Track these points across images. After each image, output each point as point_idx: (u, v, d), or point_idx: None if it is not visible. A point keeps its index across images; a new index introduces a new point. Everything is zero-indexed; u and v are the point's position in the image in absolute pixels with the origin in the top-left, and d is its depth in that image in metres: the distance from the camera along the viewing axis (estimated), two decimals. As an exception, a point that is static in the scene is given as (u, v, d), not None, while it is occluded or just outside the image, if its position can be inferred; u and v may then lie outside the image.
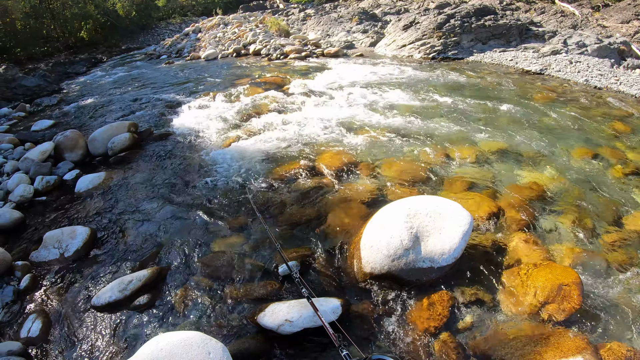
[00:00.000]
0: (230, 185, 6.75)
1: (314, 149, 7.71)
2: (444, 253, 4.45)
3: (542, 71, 13.92)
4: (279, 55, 16.61)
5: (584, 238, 5.55)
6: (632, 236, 5.69)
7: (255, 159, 7.51)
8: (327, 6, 28.38)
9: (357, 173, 6.90)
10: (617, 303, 4.58)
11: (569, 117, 9.61)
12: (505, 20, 16.65)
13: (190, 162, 7.67)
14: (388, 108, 9.80)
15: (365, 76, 12.83)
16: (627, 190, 6.81)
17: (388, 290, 4.48)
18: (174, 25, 33.05)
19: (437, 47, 15.64)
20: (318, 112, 9.50)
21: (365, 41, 18.66)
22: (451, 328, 4.14)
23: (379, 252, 4.52)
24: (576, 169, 7.28)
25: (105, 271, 5.12)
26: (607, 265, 5.11)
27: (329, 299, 4.24)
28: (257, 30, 20.88)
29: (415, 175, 6.74)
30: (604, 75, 13.69)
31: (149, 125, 9.59)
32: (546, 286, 4.51)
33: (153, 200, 6.56)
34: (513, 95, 11.09)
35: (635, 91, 12.62)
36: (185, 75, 14.90)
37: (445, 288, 4.51)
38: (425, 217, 4.68)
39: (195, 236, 5.59)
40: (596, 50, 15.38)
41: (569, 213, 6.01)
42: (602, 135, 8.77)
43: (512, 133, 8.49)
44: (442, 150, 7.63)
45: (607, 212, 6.17)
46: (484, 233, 5.45)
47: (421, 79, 12.51)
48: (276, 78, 12.34)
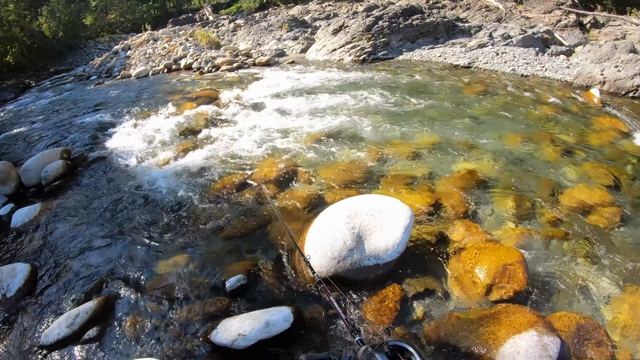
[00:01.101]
0: (170, 205, 6.57)
1: (251, 159, 7.63)
2: (388, 249, 4.46)
3: (470, 65, 14.36)
4: (211, 68, 16.40)
5: (524, 218, 5.75)
6: (568, 211, 5.95)
7: (193, 175, 7.35)
8: (257, 15, 28.39)
9: (295, 179, 6.87)
10: (560, 275, 4.76)
11: (499, 106, 9.92)
12: (432, 19, 17.11)
13: (128, 184, 7.41)
14: (322, 112, 9.84)
15: (297, 83, 12.83)
16: (560, 169, 7.09)
17: (338, 292, 4.42)
18: (103, 44, 32.05)
19: (367, 49, 15.86)
20: (253, 122, 9.42)
21: (296, 48, 18.72)
22: (405, 321, 4.17)
23: (324, 255, 4.50)
24: (510, 154, 7.51)
25: (50, 307, 4.85)
26: (547, 241, 5.31)
27: (279, 308, 4.18)
28: (188, 44, 20.56)
29: (353, 176, 6.78)
30: (530, 63, 14.26)
31: (82, 150, 9.20)
32: (491, 268, 4.61)
33: (93, 228, 6.28)
34: (444, 90, 11.37)
35: (560, 75, 13.21)
36: (117, 96, 14.45)
37: (394, 282, 4.54)
38: (366, 215, 4.68)
39: (139, 260, 5.39)
40: (521, 40, 16.01)
41: (507, 196, 6.20)
42: (532, 120, 9.10)
43: (445, 126, 8.68)
44: (378, 149, 7.71)
45: (543, 192, 6.42)
46: (427, 224, 5.53)
47: (353, 81, 12.64)
48: (209, 92, 12.14)
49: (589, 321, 4.19)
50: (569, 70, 13.66)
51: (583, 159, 7.49)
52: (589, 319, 4.22)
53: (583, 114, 9.88)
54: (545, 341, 3.69)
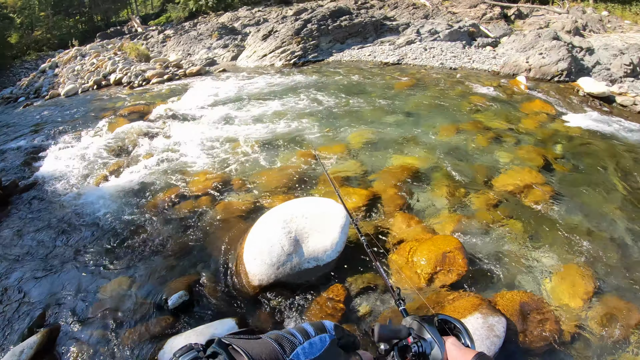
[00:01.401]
0: (107, 226, 6.34)
1: (186, 172, 7.49)
2: (326, 250, 4.48)
3: (399, 61, 14.67)
4: (141, 81, 16.00)
5: (460, 205, 5.93)
6: (502, 194, 6.19)
7: (129, 193, 7.13)
8: (187, 25, 28.03)
9: (231, 189, 6.79)
10: (500, 256, 4.94)
11: (430, 99, 10.16)
12: (361, 19, 17.36)
13: (64, 209, 7.12)
14: (255, 119, 9.80)
15: (229, 91, 12.72)
16: (493, 155, 7.34)
17: (281, 298, 4.43)
18: (30, 63, 30.83)
19: (297, 53, 15.93)
20: (186, 134, 9.25)
21: (226, 56, 18.58)
22: (351, 318, 4.19)
23: (263, 262, 4.46)
24: (443, 144, 7.70)
25: None
26: (484, 225, 5.50)
27: (224, 320, 4.11)
28: (117, 58, 19.97)
29: (289, 180, 6.77)
30: (457, 56, 14.70)
31: (13, 177, 8.79)
32: (431, 257, 4.69)
33: (30, 258, 5.99)
34: (375, 88, 11.55)
35: (488, 66, 13.69)
36: (47, 117, 13.86)
37: (336, 282, 4.55)
38: (302, 219, 4.68)
39: (80, 287, 5.17)
40: (448, 35, 16.50)
41: (442, 186, 6.37)
42: (463, 111, 9.36)
43: (378, 123, 8.82)
44: (312, 151, 7.75)
45: (478, 178, 6.64)
46: (365, 221, 5.56)
47: (285, 85, 12.65)
48: (140, 106, 11.84)
49: (532, 297, 4.34)
50: (495, 61, 14.18)
51: (514, 143, 7.78)
52: (532, 295, 4.37)
53: (511, 100, 10.25)
54: (491, 322, 3.78)
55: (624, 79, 12.91)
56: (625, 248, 5.37)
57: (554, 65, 12.76)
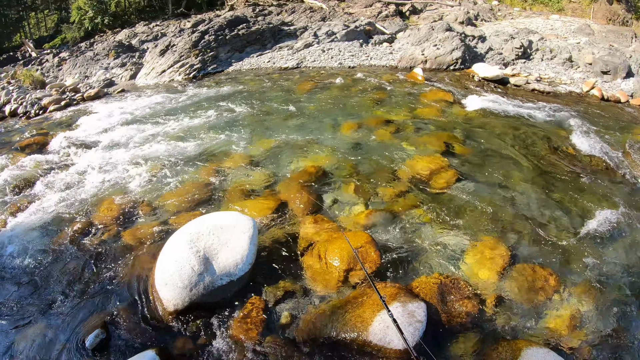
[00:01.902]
0: (13, 272, 5.93)
1: (91, 202, 7.16)
2: (237, 263, 4.48)
3: (298, 65, 14.84)
4: (38, 110, 15.12)
5: (368, 200, 6.08)
6: (408, 183, 6.49)
7: (34, 232, 6.72)
8: (83, 45, 26.80)
9: (137, 214, 6.57)
10: (412, 243, 5.17)
11: (330, 100, 10.35)
12: (258, 26, 17.37)
13: (-39, 258, 6.62)
14: (157, 139, 9.53)
15: (130, 112, 12.27)
16: (395, 147, 7.60)
17: (200, 319, 4.37)
18: None
19: (196, 66, 15.69)
20: (87, 162, 8.84)
21: (124, 75, 17.93)
22: (273, 328, 4.21)
23: (175, 286, 4.38)
24: (346, 142, 7.89)
25: None
26: (393, 216, 5.70)
27: (144, 353, 4.01)
28: (10, 87, 18.72)
29: (195, 198, 6.67)
30: (355, 55, 15.06)
31: None
32: (343, 255, 4.81)
33: None
34: (276, 94, 11.62)
35: (385, 62, 14.14)
36: None
37: (253, 294, 4.56)
38: (208, 235, 4.66)
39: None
40: (345, 35, 16.85)
41: (348, 183, 6.54)
42: (363, 107, 9.62)
43: (280, 129, 8.90)
44: (215, 165, 7.66)
45: (383, 171, 6.87)
46: (274, 229, 5.62)
47: (184, 101, 12.41)
48: (38, 137, 11.20)
49: (449, 278, 4.59)
50: (392, 56, 14.68)
51: (415, 132, 8.10)
52: (449, 276, 4.61)
53: (410, 92, 10.66)
54: (411, 308, 3.94)
55: (516, 61, 13.85)
56: (531, 216, 5.77)
57: (449, 54, 13.39)
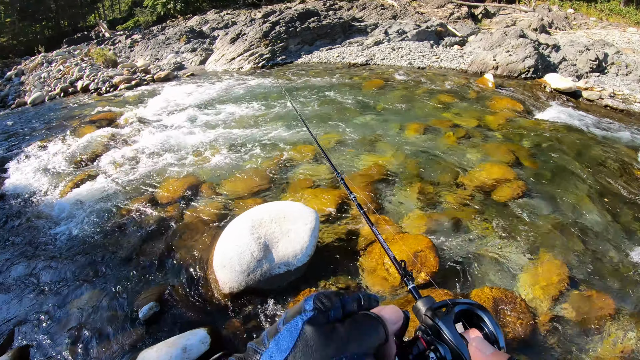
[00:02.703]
0: (75, 238, 6.20)
1: (154, 179, 7.37)
2: (296, 254, 4.46)
3: (368, 62, 14.72)
4: (109, 87, 15.73)
5: (430, 204, 5.96)
6: (472, 192, 6.25)
7: (97, 203, 6.98)
8: (155, 29, 27.65)
9: (200, 195, 6.70)
10: (472, 253, 4.99)
11: (398, 99, 10.21)
12: (329, 20, 17.35)
13: (30, 220, 6.94)
14: (223, 123, 9.71)
15: (197, 95, 12.59)
16: (462, 153, 7.39)
17: (252, 305, 4.39)
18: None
19: (265, 55, 15.85)
20: (154, 140, 9.10)
21: (195, 60, 18.35)
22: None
23: (233, 270, 4.41)
24: (412, 144, 7.73)
25: None
26: (454, 222, 5.52)
27: (195, 331, 4.03)
28: (83, 64, 19.56)
29: (258, 185, 6.74)
30: (426, 55, 14.81)
31: (-24, 190, 8.56)
32: (402, 258, 4.63)
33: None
34: (344, 88, 11.55)
35: (455, 65, 13.81)
36: (12, 127, 13.52)
37: (307, 286, 4.53)
38: (270, 223, 4.65)
39: (49, 302, 5.04)
40: (416, 35, 16.60)
41: (412, 185, 6.39)
42: (431, 109, 9.43)
43: (347, 124, 8.82)
44: (280, 154, 7.71)
45: (447, 176, 6.68)
46: (335, 224, 5.56)
47: (253, 89, 12.57)
48: (108, 113, 11.63)
49: (506, 293, 4.38)
50: (463, 59, 14.34)
51: (483, 140, 7.85)
52: (505, 291, 4.41)
53: (479, 98, 10.37)
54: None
55: (589, 74, 13.20)
56: (594, 240, 5.47)
57: (521, 62, 12.95)
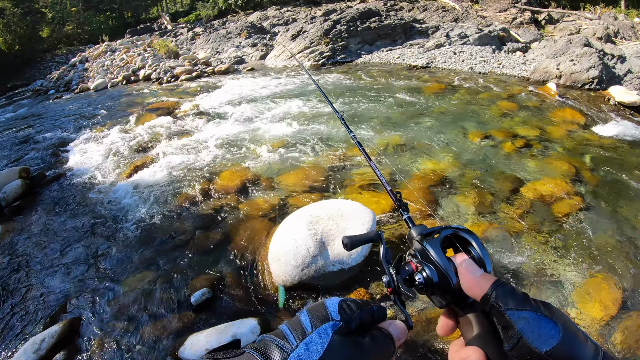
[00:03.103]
0: (132, 221, 6.40)
1: (212, 169, 7.52)
2: (351, 254, 4.44)
3: (428, 64, 14.52)
4: (170, 78, 16.17)
5: (487, 213, 5.80)
6: (529, 203, 6.04)
7: (154, 188, 7.19)
8: (216, 23, 28.21)
9: (257, 188, 6.79)
10: (526, 267, 4.82)
11: (458, 104, 10.04)
12: (390, 21, 17.25)
13: (89, 201, 7.22)
14: (282, 119, 9.79)
15: (257, 90, 12.76)
16: (521, 163, 7.19)
17: (303, 300, 4.40)
18: (60, 57, 31.31)
19: (325, 53, 15.90)
20: (213, 131, 9.30)
21: (255, 54, 18.63)
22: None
23: (287, 264, 4.44)
24: (470, 151, 7.58)
25: (15, 333, 4.66)
26: (510, 233, 5.36)
27: (245, 320, 4.09)
28: (146, 54, 20.23)
29: (314, 181, 6.76)
30: (487, 61, 14.50)
31: (41, 168, 8.93)
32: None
33: (55, 248, 6.08)
34: (403, 91, 11.44)
35: (517, 72, 13.45)
36: (75, 110, 14.09)
37: (360, 286, 4.50)
38: (327, 221, 4.65)
39: (103, 279, 5.23)
40: (477, 39, 16.28)
41: (469, 193, 6.24)
42: (491, 116, 9.22)
43: (406, 126, 8.73)
44: (339, 153, 7.70)
45: (505, 186, 6.49)
46: (390, 226, 5.49)
47: (312, 86, 12.59)
48: (168, 102, 11.95)
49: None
50: (525, 66, 13.95)
51: (543, 151, 7.62)
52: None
53: (541, 108, 10.07)
54: None
55: (656, 88, 12.63)
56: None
57: (585, 72, 12.49)
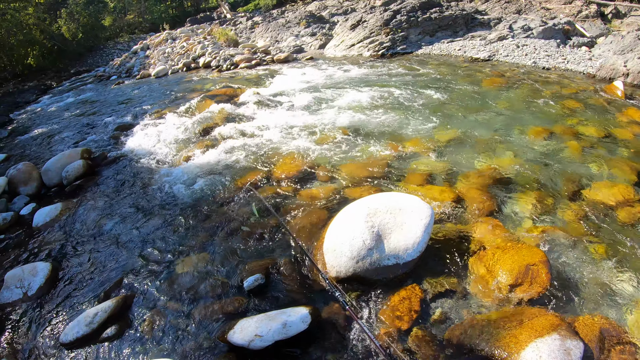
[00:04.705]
0: (188, 203, 6.58)
1: (270, 157, 7.61)
2: (408, 248, 4.39)
3: (490, 57, 14.13)
4: (229, 65, 16.41)
5: (547, 216, 5.59)
6: (592, 208, 5.76)
7: (212, 173, 7.35)
8: (275, 12, 28.39)
9: (314, 177, 6.82)
10: (585, 276, 4.61)
11: (520, 100, 9.75)
12: (451, 11, 16.88)
13: (148, 183, 7.46)
14: (341, 108, 9.78)
15: (316, 79, 12.80)
16: (584, 164, 6.91)
17: (356, 292, 4.41)
18: (122, 44, 32.38)
19: (385, 44, 15.72)
20: (272, 119, 9.39)
21: (314, 44, 18.65)
22: (424, 322, 4.08)
23: (342, 254, 4.44)
24: (532, 149, 7.35)
25: (70, 306, 4.90)
26: (571, 239, 5.14)
27: (297, 308, 4.12)
28: (206, 42, 20.57)
29: (372, 173, 6.71)
30: (551, 55, 13.98)
31: (102, 149, 9.29)
32: (514, 268, 4.48)
33: (113, 227, 6.34)
34: (464, 84, 11.20)
35: (582, 68, 12.91)
36: (137, 95, 14.55)
37: (413, 282, 4.45)
38: (385, 214, 4.61)
39: (157, 259, 5.40)
40: (541, 32, 15.71)
41: (529, 193, 6.05)
42: (555, 114, 8.91)
43: (466, 120, 8.56)
44: (397, 145, 7.61)
45: (567, 188, 6.24)
46: (447, 223, 5.41)
47: (372, 76, 12.54)
48: (228, 89, 12.14)
49: (614, 325, 4.04)
50: (591, 62, 13.36)
51: (607, 154, 7.30)
52: (613, 323, 4.07)
53: (606, 107, 9.65)
54: (568, 345, 3.57)
55: None
56: None
57: (655, 71, 11.90)
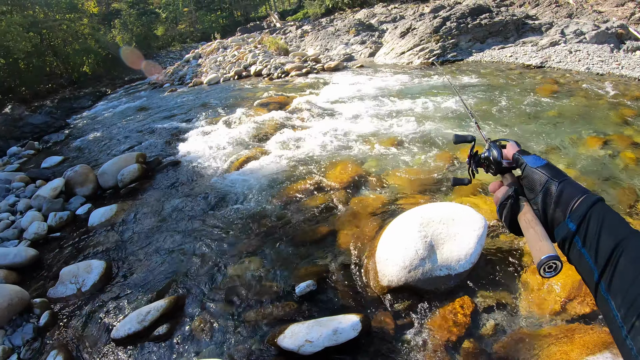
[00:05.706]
0: (241, 208, 6.73)
1: (322, 164, 7.70)
2: (460, 259, 4.39)
3: (542, 64, 13.81)
4: (280, 74, 16.65)
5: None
6: None
7: (264, 179, 7.49)
8: (324, 21, 28.62)
9: (366, 185, 6.85)
10: None
11: (574, 107, 9.52)
12: (501, 17, 16.61)
13: (200, 188, 7.67)
14: (393, 117, 9.77)
15: (367, 87, 12.82)
16: (639, 176, 6.69)
17: (407, 302, 4.40)
18: (174, 53, 33.43)
19: (436, 51, 15.61)
20: (324, 127, 9.49)
21: (364, 52, 18.72)
22: (474, 334, 4.05)
23: (395, 264, 4.47)
24: (587, 158, 7.17)
25: (122, 303, 5.10)
26: None
27: (348, 316, 4.16)
28: (257, 51, 20.96)
29: (425, 182, 6.69)
30: (605, 61, 13.55)
31: (157, 154, 9.63)
32: (567, 283, 4.40)
33: (166, 229, 6.56)
34: (516, 91, 11.01)
35: (638, 74, 12.44)
36: (189, 102, 14.94)
37: (464, 294, 4.42)
38: (438, 224, 4.62)
39: (210, 262, 5.55)
40: (594, 36, 15.25)
41: (586, 205, 5.88)
42: (610, 122, 8.66)
43: (519, 128, 8.42)
44: (450, 154, 7.55)
45: (623, 199, 6.05)
46: (500, 235, 5.35)
47: (423, 84, 12.48)
48: (279, 97, 12.34)
49: None
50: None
51: (666, 165, 7.06)
52: None
53: (664, 116, 9.32)
54: None
55: None
56: None
57: None
